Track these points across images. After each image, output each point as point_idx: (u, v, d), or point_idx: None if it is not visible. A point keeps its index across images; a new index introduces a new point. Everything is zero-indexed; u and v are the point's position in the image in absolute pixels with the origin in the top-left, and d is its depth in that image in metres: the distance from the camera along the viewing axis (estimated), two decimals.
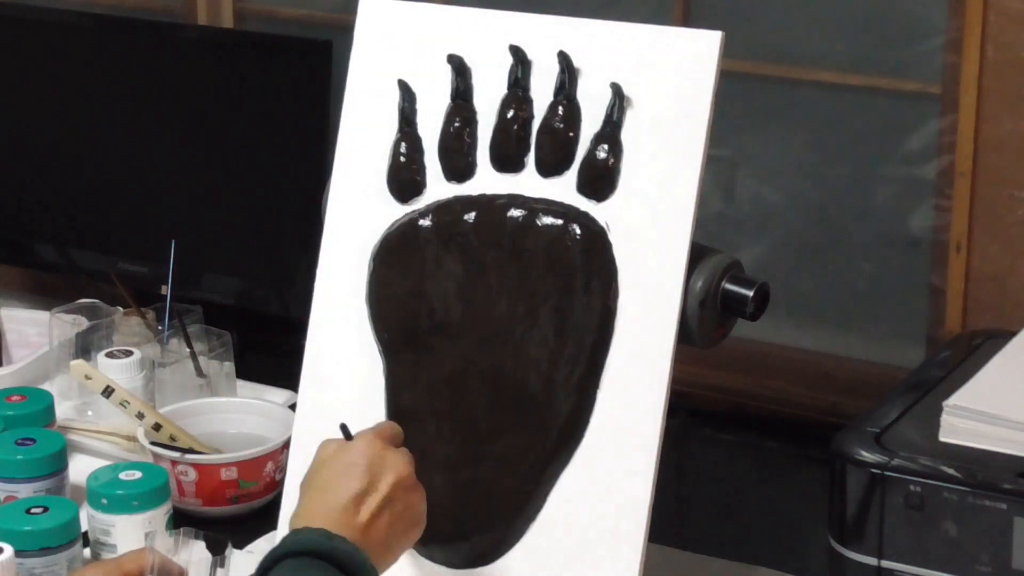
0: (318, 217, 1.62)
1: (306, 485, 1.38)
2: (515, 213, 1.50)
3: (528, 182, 1.51)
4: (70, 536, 1.68)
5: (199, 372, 2.08)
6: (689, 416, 2.18)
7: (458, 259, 1.52)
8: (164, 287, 2.16)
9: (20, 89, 2.43)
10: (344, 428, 1.40)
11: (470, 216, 1.52)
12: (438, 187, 1.54)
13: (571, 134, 1.49)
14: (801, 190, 2.23)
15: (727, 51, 1.43)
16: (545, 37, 1.51)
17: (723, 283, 1.46)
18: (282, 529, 1.59)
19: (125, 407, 1.91)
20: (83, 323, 2.18)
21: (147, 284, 2.27)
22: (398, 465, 1.37)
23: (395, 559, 1.38)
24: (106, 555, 1.74)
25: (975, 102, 2.03)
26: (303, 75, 2.21)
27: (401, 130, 1.56)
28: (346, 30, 1.63)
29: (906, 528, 1.61)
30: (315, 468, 1.38)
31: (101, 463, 1.89)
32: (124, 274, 2.28)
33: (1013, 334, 1.87)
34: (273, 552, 1.30)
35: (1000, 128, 2.03)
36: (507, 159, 1.52)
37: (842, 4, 2.17)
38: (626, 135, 1.47)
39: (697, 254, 1.45)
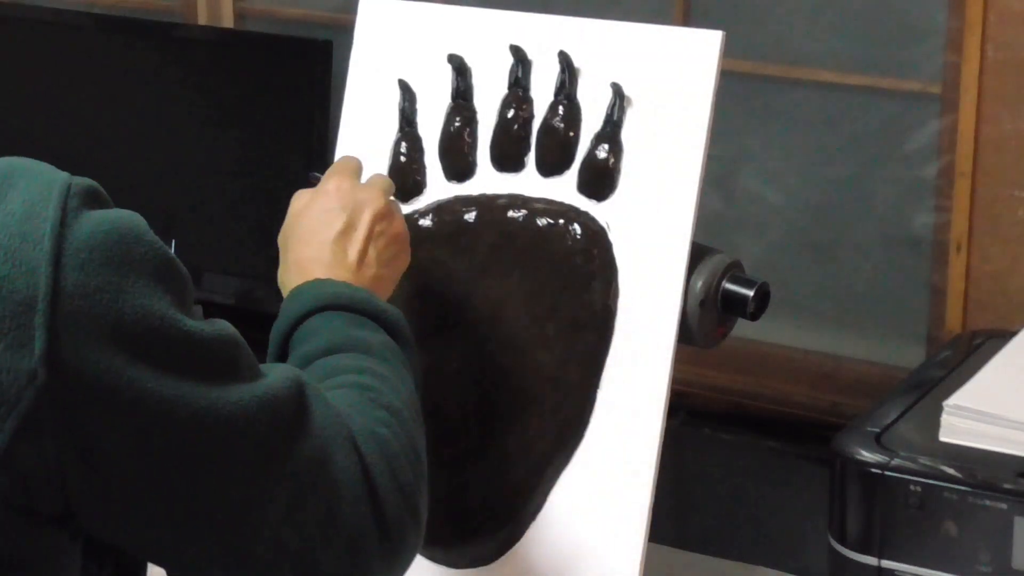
0: None
1: (286, 237, 1.38)
2: (515, 213, 1.50)
3: (528, 182, 1.51)
4: None
5: None
6: (689, 416, 2.18)
7: (458, 259, 1.52)
8: None
9: (20, 89, 2.43)
10: (312, 176, 1.42)
11: (470, 216, 1.52)
12: (438, 187, 1.54)
13: (571, 134, 1.49)
14: (801, 190, 2.23)
15: (727, 51, 1.43)
16: (545, 37, 1.51)
17: (723, 283, 1.46)
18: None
19: None
20: None
21: None
22: (372, 198, 1.38)
23: (391, 290, 1.39)
24: None
25: (975, 102, 2.03)
26: (303, 75, 2.21)
27: (401, 130, 1.56)
28: (346, 30, 1.63)
29: (906, 528, 1.61)
30: (291, 220, 1.39)
31: None
32: None
33: (1013, 334, 1.87)
34: (294, 308, 1.30)
35: (1000, 128, 2.03)
36: (507, 159, 1.52)
37: (842, 4, 2.17)
38: (626, 135, 1.47)
39: (697, 254, 1.45)
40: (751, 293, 1.45)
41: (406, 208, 1.55)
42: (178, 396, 1.01)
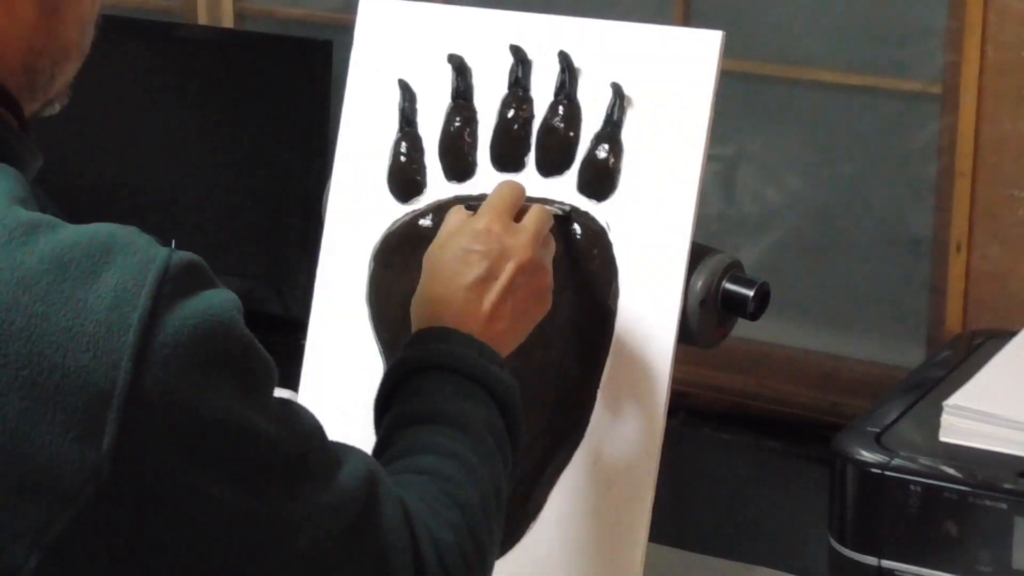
0: (318, 217, 1.62)
1: (431, 258, 1.34)
2: None
3: (528, 182, 1.50)
4: None
5: None
6: (689, 416, 2.18)
7: None
8: None
9: None
10: (468, 206, 1.36)
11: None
12: (439, 187, 1.54)
13: (571, 134, 1.49)
14: (801, 190, 2.23)
15: (727, 51, 1.43)
16: (545, 37, 1.51)
17: (723, 283, 1.46)
18: None
19: None
20: None
21: None
22: (520, 247, 1.32)
23: (521, 339, 1.34)
24: None
25: (975, 102, 2.03)
26: (303, 75, 2.21)
27: (401, 130, 1.56)
28: (346, 30, 1.63)
29: (906, 528, 1.61)
30: (441, 240, 1.34)
31: None
32: None
33: (1013, 334, 1.87)
34: (413, 357, 1.26)
35: (1000, 128, 2.03)
36: (507, 159, 1.52)
37: (842, 4, 2.17)
38: (626, 135, 1.47)
39: (697, 254, 1.45)
40: (751, 293, 1.45)
41: (406, 208, 1.55)
42: (240, 504, 0.99)
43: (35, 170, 1.14)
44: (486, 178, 1.53)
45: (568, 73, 1.49)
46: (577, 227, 1.48)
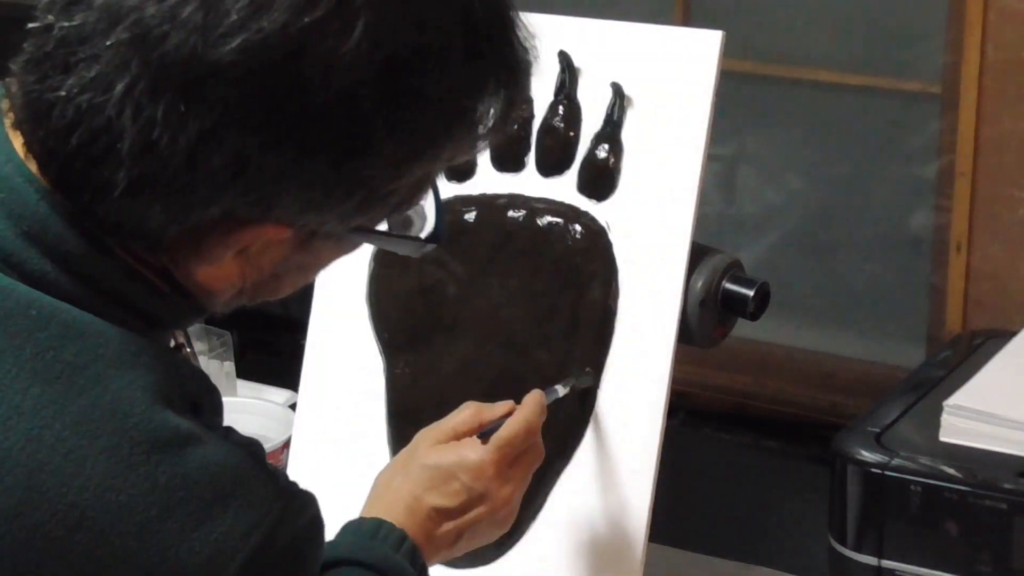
0: None
1: (419, 442, 1.33)
2: (515, 213, 1.50)
3: (528, 182, 1.51)
4: None
5: None
6: (689, 416, 2.18)
7: (458, 259, 1.52)
8: None
9: None
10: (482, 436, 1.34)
11: (470, 215, 1.52)
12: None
13: (571, 134, 1.49)
14: (801, 190, 2.23)
15: (727, 51, 1.43)
16: (545, 37, 1.50)
17: (723, 283, 1.46)
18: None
19: None
20: None
21: None
22: (498, 499, 1.32)
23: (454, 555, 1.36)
24: None
25: (975, 102, 2.03)
26: None
27: None
28: None
29: (906, 528, 1.61)
30: (436, 439, 1.33)
31: None
32: None
33: (1013, 334, 1.87)
34: (357, 545, 1.26)
35: (1000, 128, 2.03)
36: (507, 158, 1.52)
37: (842, 4, 2.17)
38: (626, 135, 1.47)
39: (697, 254, 1.45)
40: (751, 293, 1.45)
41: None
42: None
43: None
44: (486, 178, 1.52)
45: (568, 73, 1.49)
46: (577, 227, 1.47)
